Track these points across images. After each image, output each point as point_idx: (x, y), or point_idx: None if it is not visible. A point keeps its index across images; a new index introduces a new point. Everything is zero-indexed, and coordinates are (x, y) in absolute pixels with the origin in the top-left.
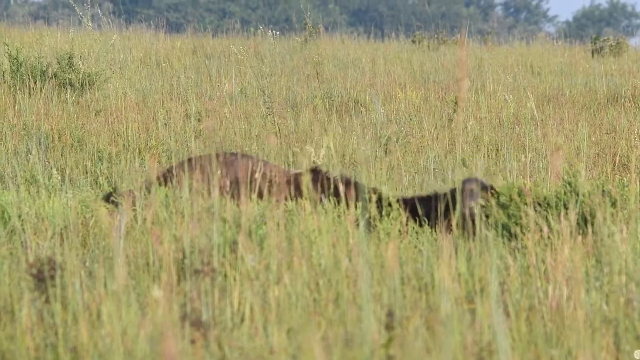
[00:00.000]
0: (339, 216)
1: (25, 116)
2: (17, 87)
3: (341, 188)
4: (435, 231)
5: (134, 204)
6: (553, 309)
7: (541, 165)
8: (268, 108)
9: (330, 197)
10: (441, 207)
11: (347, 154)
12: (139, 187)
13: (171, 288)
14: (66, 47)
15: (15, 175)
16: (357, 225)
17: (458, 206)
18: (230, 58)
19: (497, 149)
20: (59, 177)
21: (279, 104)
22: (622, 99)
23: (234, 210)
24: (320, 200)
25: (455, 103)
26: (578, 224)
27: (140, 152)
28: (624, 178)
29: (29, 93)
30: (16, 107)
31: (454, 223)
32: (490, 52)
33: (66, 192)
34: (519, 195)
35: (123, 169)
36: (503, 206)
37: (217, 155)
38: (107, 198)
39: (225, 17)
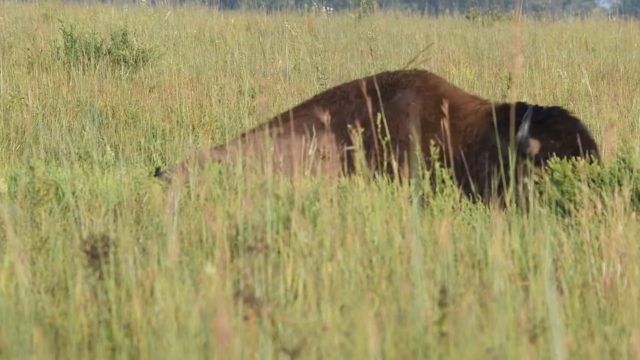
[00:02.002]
0: (392, 193)
1: (80, 93)
2: (72, 64)
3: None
4: None
5: (187, 180)
6: (607, 285)
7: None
8: (322, 85)
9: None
10: None
11: None
12: (192, 163)
13: (224, 265)
14: (120, 23)
15: (70, 152)
16: (411, 201)
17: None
18: (284, 34)
19: None
20: (113, 154)
21: (332, 81)
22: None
23: (287, 187)
24: (374, 177)
25: (509, 79)
26: (632, 200)
27: (193, 129)
28: None
29: (83, 70)
30: (70, 84)
31: (507, 199)
32: (545, 28)
33: (120, 169)
34: (573, 171)
35: (177, 146)
36: (557, 183)
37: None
38: (156, 173)
39: None
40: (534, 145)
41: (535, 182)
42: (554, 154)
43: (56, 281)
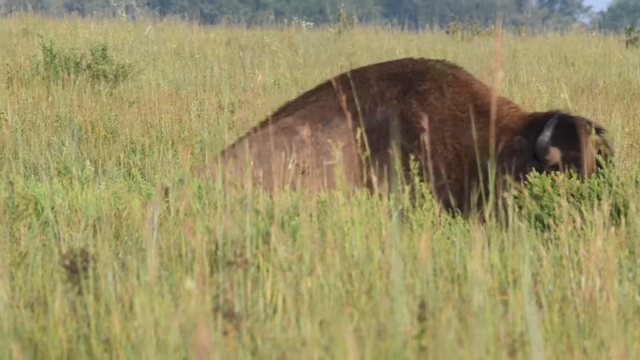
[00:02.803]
0: (372, 207)
1: (59, 108)
2: (51, 79)
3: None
4: None
5: (166, 195)
6: (586, 300)
7: None
8: None
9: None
10: None
11: None
12: (172, 179)
13: (204, 279)
14: (100, 38)
15: (49, 167)
16: (390, 216)
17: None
18: (264, 49)
19: None
20: (92, 169)
21: None
22: None
23: (267, 202)
24: (354, 191)
25: None
26: (611, 214)
27: (173, 144)
28: None
29: (63, 85)
30: (50, 99)
31: (486, 214)
32: (524, 42)
33: (99, 184)
34: (552, 186)
35: (156, 161)
36: (536, 197)
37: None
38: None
39: (259, 8)
40: (554, 154)
41: (515, 197)
42: (572, 166)
43: (35, 296)
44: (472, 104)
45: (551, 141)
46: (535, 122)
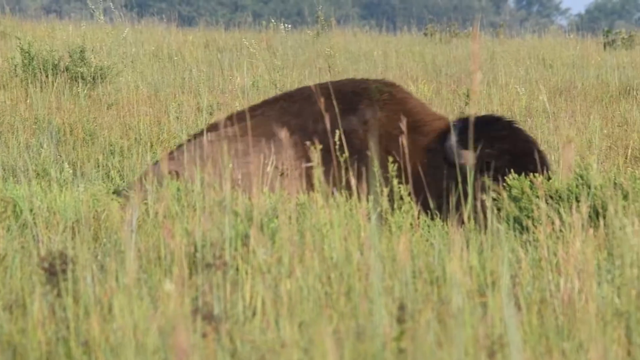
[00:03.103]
0: (350, 209)
1: (37, 110)
2: (29, 81)
3: None
4: None
5: (145, 197)
6: (565, 302)
7: (553, 158)
8: None
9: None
10: None
11: None
12: (150, 180)
13: (183, 282)
14: (78, 40)
15: (27, 169)
16: (369, 218)
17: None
18: (242, 51)
19: None
20: (71, 171)
21: None
22: (634, 92)
23: (246, 204)
24: (332, 193)
25: (467, 96)
26: (590, 216)
27: (152, 146)
28: (636, 171)
29: (41, 87)
30: (28, 101)
31: (465, 216)
32: (503, 45)
33: (78, 186)
34: (531, 188)
35: (135, 163)
36: (515, 199)
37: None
38: (119, 193)
39: (237, 10)
40: (466, 156)
41: (493, 199)
42: (492, 162)
43: (14, 298)
44: (406, 121)
45: (460, 145)
46: (442, 133)
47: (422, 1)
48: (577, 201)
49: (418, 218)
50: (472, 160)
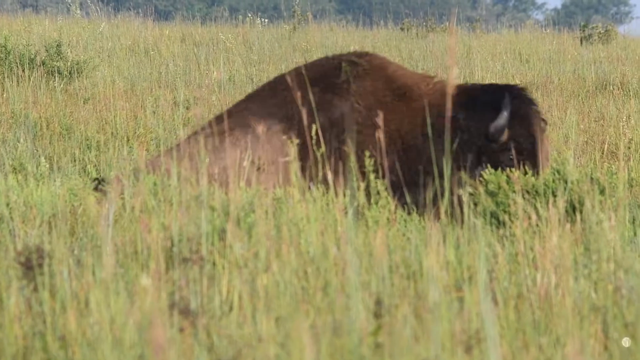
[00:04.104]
0: (327, 204)
1: (14, 104)
2: (6, 75)
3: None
4: None
5: (122, 192)
6: (541, 296)
7: None
8: None
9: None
10: None
11: None
12: (127, 175)
13: (159, 276)
14: (54, 35)
15: (4, 163)
16: (346, 213)
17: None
18: (219, 46)
19: None
20: (47, 165)
21: None
22: (611, 87)
23: (223, 199)
24: (309, 187)
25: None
26: (566, 211)
27: (128, 140)
28: (613, 166)
29: (17, 81)
30: (4, 96)
31: (442, 211)
32: (479, 39)
33: (54, 181)
34: (507, 183)
35: (111, 157)
36: (491, 194)
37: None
38: (96, 186)
39: (213, 4)
40: (506, 134)
41: (470, 194)
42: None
43: None
44: (389, 87)
45: (506, 123)
46: (470, 98)
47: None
48: (554, 196)
49: (395, 213)
50: (507, 139)
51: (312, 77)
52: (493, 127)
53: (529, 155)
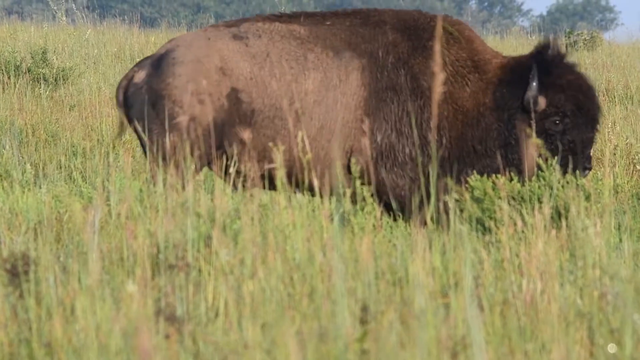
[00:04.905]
0: (313, 210)
1: None
2: None
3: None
4: None
5: (108, 198)
6: (527, 302)
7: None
8: None
9: None
10: None
11: None
12: (113, 181)
13: (145, 283)
14: (40, 42)
15: None
16: (332, 219)
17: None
18: None
19: None
20: (33, 172)
21: None
22: (596, 94)
23: (208, 205)
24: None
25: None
26: (552, 218)
27: (114, 147)
28: (598, 172)
29: (3, 88)
30: None
31: (428, 217)
32: None
33: (40, 187)
34: (493, 189)
35: (97, 164)
36: (477, 200)
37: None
38: None
39: (199, 11)
40: (541, 102)
41: (456, 200)
42: (559, 109)
43: None
44: (472, 59)
45: (537, 92)
46: (512, 72)
47: (385, 3)
48: (540, 202)
49: (381, 219)
50: (544, 105)
51: (403, 24)
52: (525, 100)
53: (574, 116)
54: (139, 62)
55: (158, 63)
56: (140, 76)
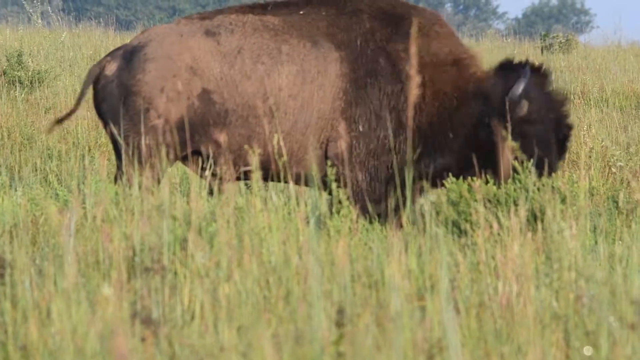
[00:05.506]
0: (289, 213)
1: None
2: None
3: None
4: None
5: (83, 201)
6: (503, 305)
7: None
8: None
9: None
10: None
11: None
12: (88, 184)
13: (121, 286)
14: (15, 44)
15: None
16: (308, 222)
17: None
18: None
19: None
20: (8, 175)
21: None
22: (572, 96)
23: (184, 208)
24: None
25: None
26: (528, 220)
27: (90, 150)
28: (573, 174)
29: None
30: None
31: (404, 219)
32: None
33: (15, 190)
34: (469, 191)
35: (73, 167)
36: (453, 203)
37: None
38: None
39: (175, 14)
40: (524, 107)
41: (432, 202)
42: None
43: None
44: (453, 53)
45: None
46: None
47: None
48: (515, 205)
49: (357, 222)
50: (525, 111)
51: (379, 12)
52: (509, 97)
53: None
54: (111, 52)
55: (130, 57)
56: (111, 68)
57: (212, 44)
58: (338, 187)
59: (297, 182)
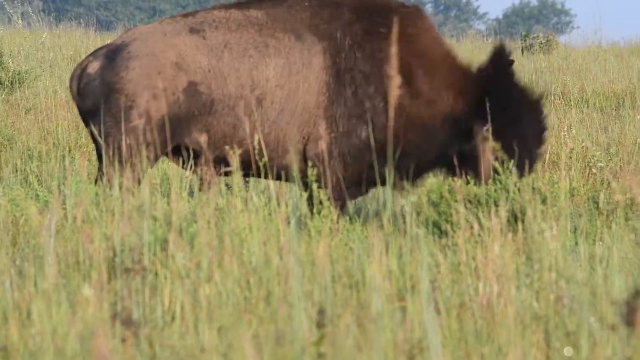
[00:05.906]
0: (269, 214)
1: None
2: None
3: None
4: None
5: (64, 202)
6: (483, 306)
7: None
8: None
9: None
10: None
11: None
12: (69, 185)
13: (102, 286)
14: None
15: None
16: (288, 222)
17: None
18: None
19: None
20: None
21: None
22: (552, 97)
23: (165, 208)
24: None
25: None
26: (508, 221)
27: (70, 151)
28: (554, 175)
29: None
30: None
31: (385, 220)
32: None
33: None
34: (450, 192)
35: (53, 168)
36: (433, 203)
37: None
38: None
39: (155, 14)
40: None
41: (413, 203)
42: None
43: None
44: (437, 50)
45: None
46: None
47: None
48: (496, 206)
49: (337, 222)
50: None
51: (361, 4)
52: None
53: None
54: (94, 52)
55: (113, 55)
56: (94, 67)
57: (198, 39)
58: (319, 187)
59: (280, 176)
